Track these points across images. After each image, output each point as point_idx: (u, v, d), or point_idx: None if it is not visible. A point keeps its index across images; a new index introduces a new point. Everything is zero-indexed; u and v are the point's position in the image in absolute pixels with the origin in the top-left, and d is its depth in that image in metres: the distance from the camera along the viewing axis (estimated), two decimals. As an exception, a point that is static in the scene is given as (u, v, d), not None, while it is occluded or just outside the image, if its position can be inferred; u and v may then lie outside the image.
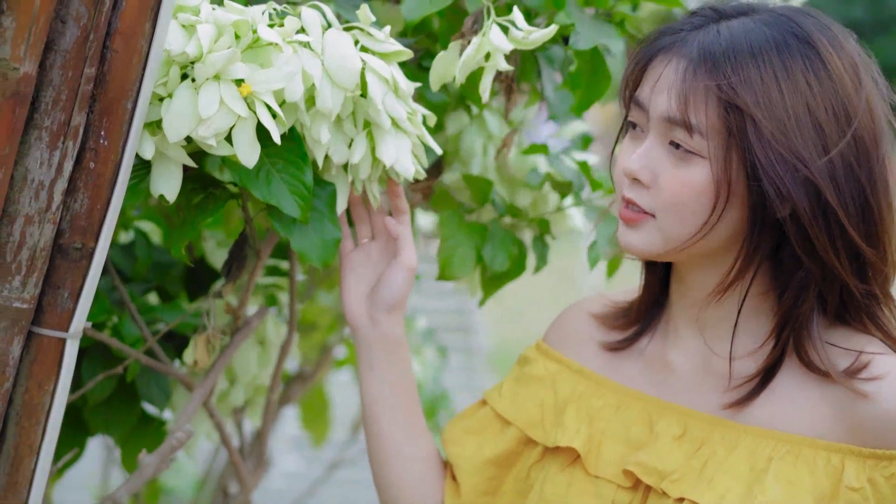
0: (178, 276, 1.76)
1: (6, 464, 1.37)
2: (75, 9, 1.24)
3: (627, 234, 1.35)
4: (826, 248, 1.28)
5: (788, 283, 1.32)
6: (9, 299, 1.30)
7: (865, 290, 1.32)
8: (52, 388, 1.36)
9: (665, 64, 1.32)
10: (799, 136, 1.27)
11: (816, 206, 1.27)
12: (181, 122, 1.31)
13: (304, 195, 1.36)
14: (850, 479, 1.30)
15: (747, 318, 1.36)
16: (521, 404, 1.49)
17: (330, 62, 1.33)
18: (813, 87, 1.29)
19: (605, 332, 1.49)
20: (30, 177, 1.27)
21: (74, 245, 1.32)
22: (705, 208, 1.30)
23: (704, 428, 1.37)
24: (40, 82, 1.25)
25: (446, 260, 1.61)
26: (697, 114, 1.28)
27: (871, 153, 1.30)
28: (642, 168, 1.33)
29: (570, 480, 1.41)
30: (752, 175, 1.28)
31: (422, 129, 1.43)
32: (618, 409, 1.42)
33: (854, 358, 1.31)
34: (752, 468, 1.32)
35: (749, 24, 1.32)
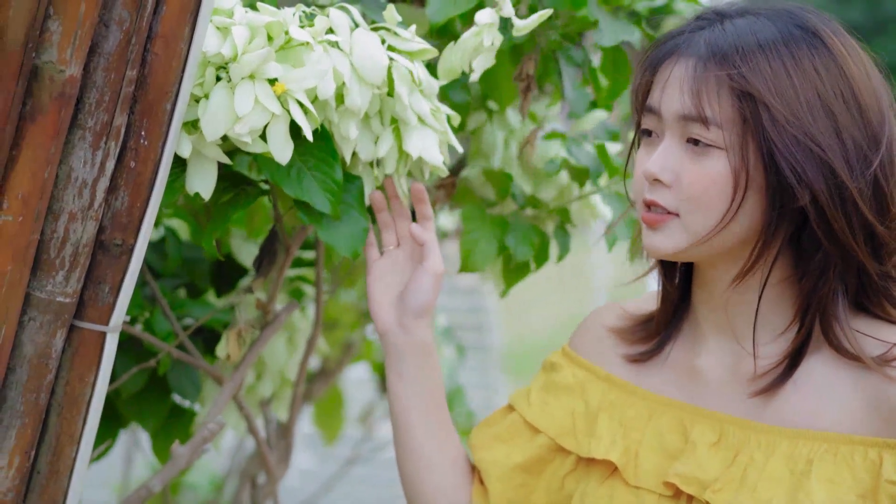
0: (205, 272, 1.80)
1: (48, 452, 1.41)
2: (118, 13, 1.29)
3: (652, 236, 1.36)
4: (843, 228, 1.31)
5: (808, 268, 1.34)
6: (52, 294, 1.34)
7: (882, 270, 1.34)
8: (92, 380, 1.41)
9: (673, 65, 1.35)
10: (812, 120, 1.30)
11: (833, 188, 1.30)
12: (218, 120, 1.35)
13: (334, 191, 1.41)
14: (889, 473, 1.30)
15: (771, 307, 1.38)
16: (551, 413, 1.49)
17: (358, 61, 1.38)
18: (821, 74, 1.32)
19: (627, 345, 1.49)
20: (74, 175, 1.32)
21: (115, 241, 1.37)
22: (727, 199, 1.32)
23: (739, 433, 1.37)
24: (84, 84, 1.29)
25: (468, 253, 1.65)
26: (711, 106, 1.31)
27: (879, 135, 1.33)
28: (663, 169, 1.34)
29: (612, 493, 1.41)
30: (769, 160, 1.30)
31: (446, 126, 1.47)
32: (650, 418, 1.43)
33: (887, 349, 1.32)
34: (793, 471, 1.32)
35: (753, 20, 1.35)
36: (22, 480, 1.39)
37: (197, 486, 3.32)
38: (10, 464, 1.38)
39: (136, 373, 1.65)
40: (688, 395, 1.42)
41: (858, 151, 1.31)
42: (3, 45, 1.22)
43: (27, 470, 1.40)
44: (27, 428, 1.38)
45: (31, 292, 1.34)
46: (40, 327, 1.35)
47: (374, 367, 2.87)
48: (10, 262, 1.29)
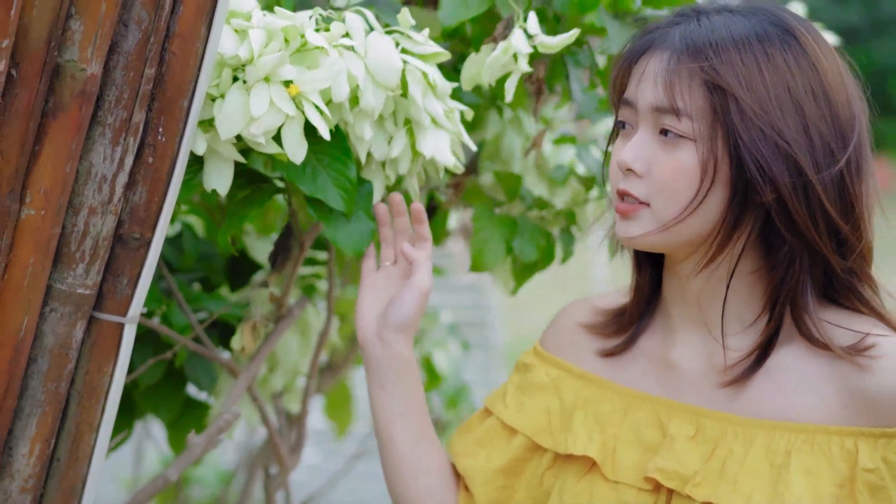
0: (220, 267, 1.84)
1: (68, 440, 1.45)
2: (137, 13, 1.32)
3: (624, 225, 1.39)
4: (806, 223, 1.33)
5: (776, 260, 1.37)
6: (73, 286, 1.38)
7: (845, 266, 1.37)
8: (110, 370, 1.45)
9: (650, 58, 1.38)
10: (780, 115, 1.32)
11: (797, 182, 1.32)
12: (233, 121, 1.39)
13: (348, 189, 1.45)
14: (865, 461, 1.31)
15: (740, 298, 1.40)
16: (527, 413, 1.51)
17: (373, 64, 1.42)
18: (792, 69, 1.34)
19: (599, 339, 1.51)
20: (94, 171, 1.35)
21: (133, 235, 1.41)
22: (695, 189, 1.34)
23: (716, 426, 1.38)
24: (104, 82, 1.33)
25: (478, 252, 1.68)
26: (683, 97, 1.34)
27: (847, 134, 1.35)
28: (635, 159, 1.37)
29: (591, 489, 1.42)
30: (735, 153, 1.33)
31: (459, 126, 1.51)
32: (626, 412, 1.44)
33: (859, 339, 1.35)
34: (772, 464, 1.34)
35: (729, 17, 1.37)
36: (42, 467, 1.43)
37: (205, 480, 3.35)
38: (31, 451, 1.42)
39: (153, 365, 1.69)
40: (663, 388, 1.44)
41: (825, 148, 1.34)
42: (26, 44, 1.25)
43: (47, 457, 1.43)
44: (48, 416, 1.41)
45: (53, 284, 1.37)
46: (61, 318, 1.39)
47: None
48: (33, 254, 1.33)
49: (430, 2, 1.66)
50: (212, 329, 1.77)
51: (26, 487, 1.43)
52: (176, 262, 1.82)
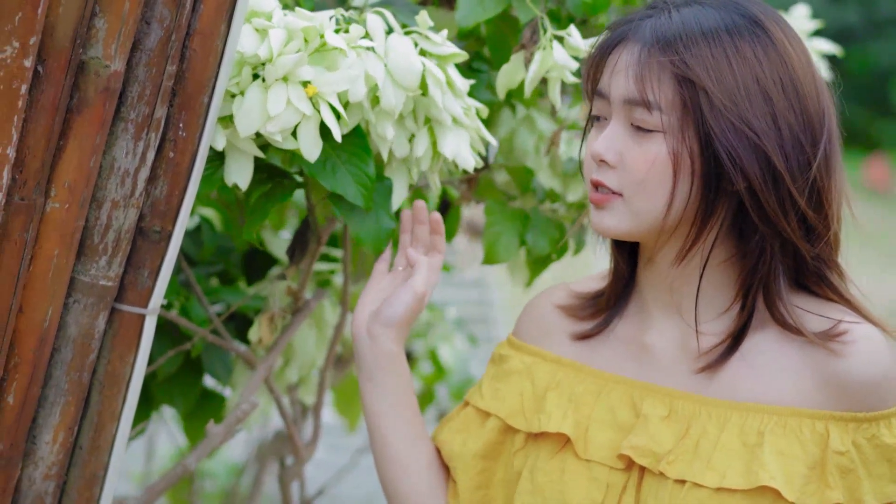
0: (237, 261, 1.88)
1: (90, 429, 1.49)
2: (159, 11, 1.35)
3: (599, 216, 1.42)
4: (776, 211, 1.35)
5: (748, 249, 1.39)
6: (96, 277, 1.41)
7: (814, 252, 1.39)
8: (132, 360, 1.48)
9: (622, 51, 1.40)
10: (749, 106, 1.34)
11: (767, 172, 1.34)
12: (251, 118, 1.42)
13: (366, 185, 1.48)
14: (836, 444, 1.35)
15: (714, 286, 1.42)
16: (501, 397, 1.52)
17: (393, 64, 1.45)
18: (761, 61, 1.36)
19: (575, 322, 1.52)
20: (116, 165, 1.39)
21: (154, 228, 1.44)
22: (667, 181, 1.36)
23: (689, 407, 1.40)
24: (127, 78, 1.36)
25: (491, 245, 1.71)
26: (653, 90, 1.36)
27: (816, 125, 1.37)
28: (608, 150, 1.39)
29: (563, 466, 1.44)
30: (706, 145, 1.35)
31: (478, 122, 1.54)
32: (599, 394, 1.46)
33: (831, 325, 1.38)
34: (745, 444, 1.37)
35: (699, 9, 1.39)
36: (65, 455, 1.47)
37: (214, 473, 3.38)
38: (55, 439, 1.45)
39: (171, 356, 1.72)
40: (636, 371, 1.46)
41: (794, 139, 1.36)
42: (52, 42, 1.29)
43: (70, 445, 1.47)
44: (71, 405, 1.45)
45: (76, 276, 1.41)
46: (84, 309, 1.42)
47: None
48: (58, 246, 1.36)
49: (446, 2, 1.70)
50: (229, 321, 1.80)
51: (50, 474, 1.46)
52: (194, 256, 1.86)
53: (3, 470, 1.42)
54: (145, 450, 3.13)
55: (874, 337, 1.38)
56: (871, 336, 1.38)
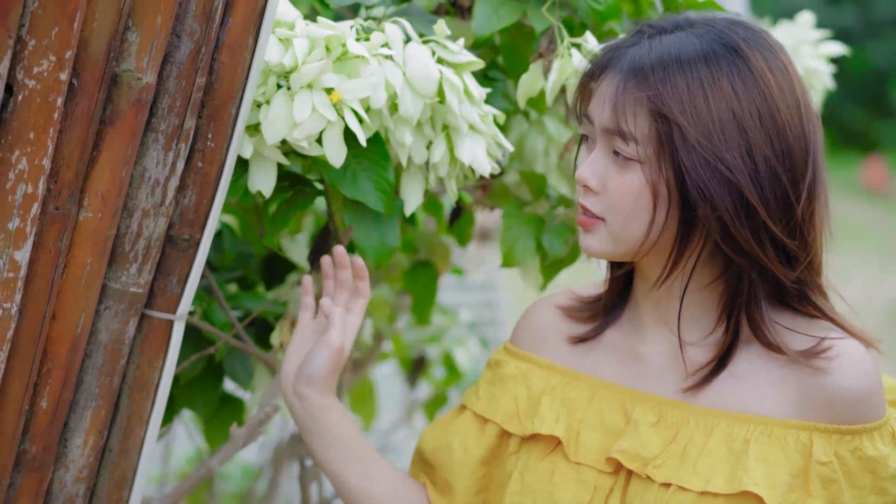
0: (256, 266, 1.91)
1: (119, 433, 1.52)
2: (189, 25, 1.39)
3: (585, 237, 1.46)
4: (750, 242, 1.37)
5: (727, 275, 1.42)
6: (126, 284, 1.45)
7: (793, 277, 1.41)
8: (160, 365, 1.52)
9: (606, 79, 1.43)
10: (723, 140, 1.35)
11: (739, 205, 1.36)
12: (277, 126, 1.46)
13: (386, 191, 1.52)
14: (818, 454, 1.39)
15: (697, 310, 1.46)
16: (497, 402, 1.55)
17: (411, 72, 1.49)
18: (738, 92, 1.37)
19: (572, 324, 1.55)
20: (147, 175, 1.42)
21: (183, 236, 1.47)
22: (645, 209, 1.39)
23: (678, 414, 1.44)
24: (158, 90, 1.39)
25: (509, 249, 1.75)
26: (629, 123, 1.39)
27: (796, 154, 1.38)
28: (591, 175, 1.43)
29: (553, 468, 1.47)
30: (678, 178, 1.37)
31: (494, 128, 1.58)
32: (591, 399, 1.49)
33: (815, 342, 1.41)
34: (731, 450, 1.40)
35: (681, 37, 1.40)
36: (96, 458, 1.50)
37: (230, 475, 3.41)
38: (86, 442, 1.48)
39: (194, 360, 1.76)
40: (628, 379, 1.49)
41: (770, 170, 1.37)
42: (87, 56, 1.32)
43: (100, 448, 1.50)
44: (101, 409, 1.48)
45: (107, 283, 1.44)
46: (115, 316, 1.46)
47: (401, 361, 2.99)
48: (90, 254, 1.40)
49: (462, 12, 1.73)
50: (249, 326, 1.84)
51: (80, 477, 1.50)
52: (215, 261, 1.89)
53: (35, 472, 1.45)
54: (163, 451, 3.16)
55: (857, 352, 1.41)
56: (854, 351, 1.41)
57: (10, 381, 1.38)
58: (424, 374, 3.01)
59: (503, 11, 1.61)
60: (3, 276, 1.32)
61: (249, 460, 3.47)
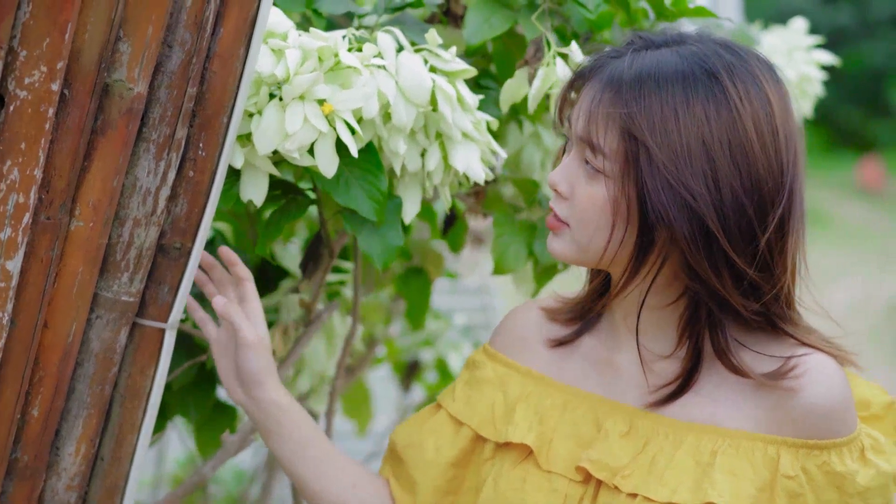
0: (249, 274, 1.91)
1: (111, 440, 1.52)
2: (180, 35, 1.39)
3: (551, 240, 1.46)
4: (706, 270, 1.37)
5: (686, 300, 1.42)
6: (118, 293, 1.45)
7: (752, 308, 1.40)
8: (152, 373, 1.52)
9: (586, 88, 1.43)
10: (689, 166, 1.34)
11: (698, 232, 1.35)
12: (269, 136, 1.46)
13: (379, 200, 1.52)
14: (785, 468, 1.39)
15: (662, 326, 1.45)
16: (473, 406, 1.55)
17: (404, 82, 1.49)
18: (711, 120, 1.35)
19: (553, 326, 1.55)
20: (139, 184, 1.42)
21: (174, 245, 1.48)
22: (605, 222, 1.40)
23: (648, 425, 1.44)
24: (149, 100, 1.40)
25: (501, 256, 1.75)
26: (600, 137, 1.39)
27: (766, 187, 1.37)
28: (562, 181, 1.44)
29: (525, 476, 1.47)
30: (640, 198, 1.37)
31: (488, 136, 1.59)
32: (565, 408, 1.49)
33: (781, 363, 1.40)
34: (698, 462, 1.40)
35: (665, 54, 1.39)
36: (87, 466, 1.51)
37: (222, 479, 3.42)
38: (77, 450, 1.49)
39: (186, 367, 1.76)
40: (602, 388, 1.50)
41: (735, 200, 1.36)
42: (78, 66, 1.32)
43: (92, 456, 1.51)
44: (93, 418, 1.49)
45: (99, 292, 1.45)
46: (106, 324, 1.46)
47: (394, 366, 3.00)
48: (82, 264, 1.40)
49: (455, 20, 1.74)
50: (242, 333, 1.83)
51: (72, 485, 1.50)
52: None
53: (27, 480, 1.46)
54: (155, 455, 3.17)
55: (825, 366, 1.41)
56: (822, 366, 1.41)
57: (2, 390, 1.38)
58: (418, 378, 3.02)
59: (495, 20, 1.62)
60: (-5, 286, 1.32)
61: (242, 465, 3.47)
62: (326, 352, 1.91)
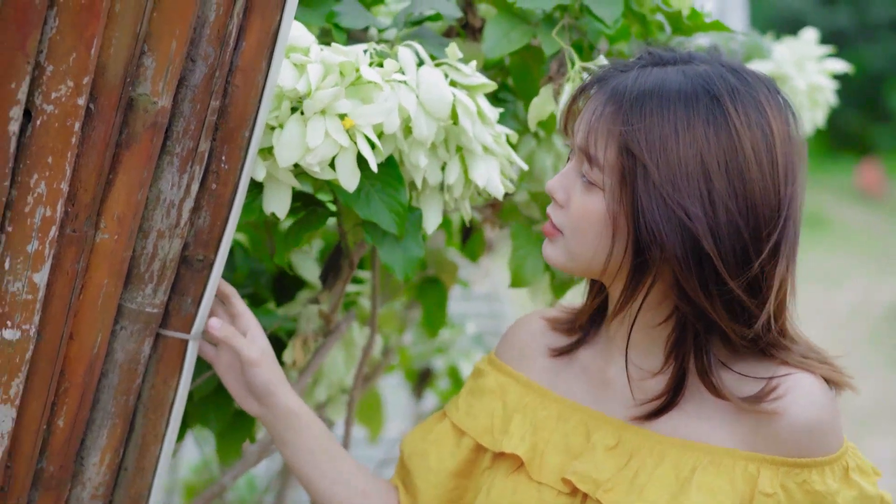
0: (267, 283, 1.93)
1: (135, 451, 1.54)
2: (204, 49, 1.41)
3: (546, 246, 1.48)
4: (696, 291, 1.37)
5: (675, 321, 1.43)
6: (142, 305, 1.47)
7: (741, 331, 1.41)
8: (175, 384, 1.54)
9: (590, 99, 1.44)
10: (686, 185, 1.35)
11: (691, 252, 1.36)
12: (291, 150, 1.47)
13: (400, 212, 1.53)
14: (764, 486, 1.39)
15: (650, 345, 1.47)
16: (474, 415, 1.57)
17: (424, 96, 1.50)
18: (710, 141, 1.36)
19: (554, 336, 1.58)
20: (162, 197, 1.44)
21: (197, 257, 1.49)
22: (600, 237, 1.41)
23: (635, 440, 1.46)
24: (173, 114, 1.41)
25: (518, 268, 1.77)
26: (598, 150, 1.40)
27: (762, 211, 1.37)
28: (559, 188, 1.46)
29: (515, 487, 1.50)
30: (634, 215, 1.38)
31: (507, 148, 1.60)
32: (558, 419, 1.51)
33: (763, 384, 1.41)
34: (678, 478, 1.41)
35: (671, 73, 1.40)
36: (111, 476, 1.52)
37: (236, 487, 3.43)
38: (102, 460, 1.50)
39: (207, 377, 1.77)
40: (595, 401, 1.51)
41: (731, 223, 1.36)
42: (104, 81, 1.34)
43: (116, 466, 1.52)
44: (117, 428, 1.50)
45: (123, 304, 1.46)
46: (130, 336, 1.48)
47: (406, 374, 3.02)
48: (107, 276, 1.42)
49: (473, 33, 1.75)
50: (261, 343, 1.85)
51: (97, 495, 1.52)
52: (228, 279, 1.90)
53: (52, 491, 1.47)
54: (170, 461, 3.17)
55: (806, 385, 1.41)
56: (803, 384, 1.41)
57: (29, 401, 1.40)
58: (430, 386, 3.03)
59: (514, 35, 1.63)
60: (23, 298, 1.33)
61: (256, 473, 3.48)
62: (344, 361, 1.92)
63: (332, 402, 2.02)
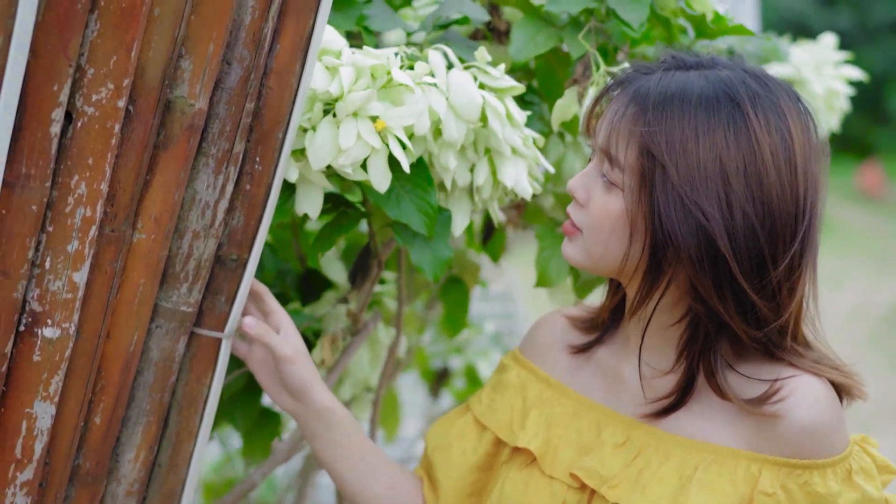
0: (293, 282, 1.95)
1: (169, 447, 1.56)
2: (239, 52, 1.43)
3: (565, 244, 1.50)
4: (710, 291, 1.39)
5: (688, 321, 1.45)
6: (177, 304, 1.49)
7: (754, 335, 1.42)
8: (209, 382, 1.56)
9: (613, 100, 1.46)
10: (703, 187, 1.37)
11: (706, 253, 1.37)
12: (323, 152, 1.50)
13: (429, 214, 1.56)
14: (764, 486, 1.41)
15: (663, 345, 1.49)
16: (495, 410, 1.60)
17: (454, 98, 1.53)
18: (730, 145, 1.38)
19: (575, 334, 1.61)
20: (198, 197, 1.46)
21: (231, 256, 1.51)
22: (619, 236, 1.43)
23: (643, 437, 1.48)
24: (209, 116, 1.43)
25: (544, 269, 1.79)
26: (619, 150, 1.42)
27: (779, 216, 1.39)
28: (580, 187, 1.48)
29: (528, 480, 1.52)
30: (652, 215, 1.39)
31: (535, 150, 1.62)
32: (573, 416, 1.54)
33: (768, 386, 1.42)
34: (681, 477, 1.43)
35: (693, 77, 1.42)
36: (146, 472, 1.54)
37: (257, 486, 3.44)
38: (137, 457, 1.52)
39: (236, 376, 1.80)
40: (608, 398, 1.54)
41: (748, 226, 1.38)
42: (143, 83, 1.36)
43: (151, 463, 1.55)
44: (152, 425, 1.52)
45: (159, 303, 1.48)
46: (166, 334, 1.50)
47: (422, 373, 3.04)
48: (143, 275, 1.44)
49: (499, 36, 1.77)
50: (288, 342, 1.87)
51: (132, 491, 1.54)
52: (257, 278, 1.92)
53: (89, 487, 1.49)
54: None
55: (811, 387, 1.42)
56: (807, 386, 1.42)
57: (66, 399, 1.42)
58: (447, 385, 3.05)
59: (540, 38, 1.65)
60: (63, 297, 1.36)
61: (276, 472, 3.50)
62: (369, 361, 1.94)
63: (357, 400, 2.04)
